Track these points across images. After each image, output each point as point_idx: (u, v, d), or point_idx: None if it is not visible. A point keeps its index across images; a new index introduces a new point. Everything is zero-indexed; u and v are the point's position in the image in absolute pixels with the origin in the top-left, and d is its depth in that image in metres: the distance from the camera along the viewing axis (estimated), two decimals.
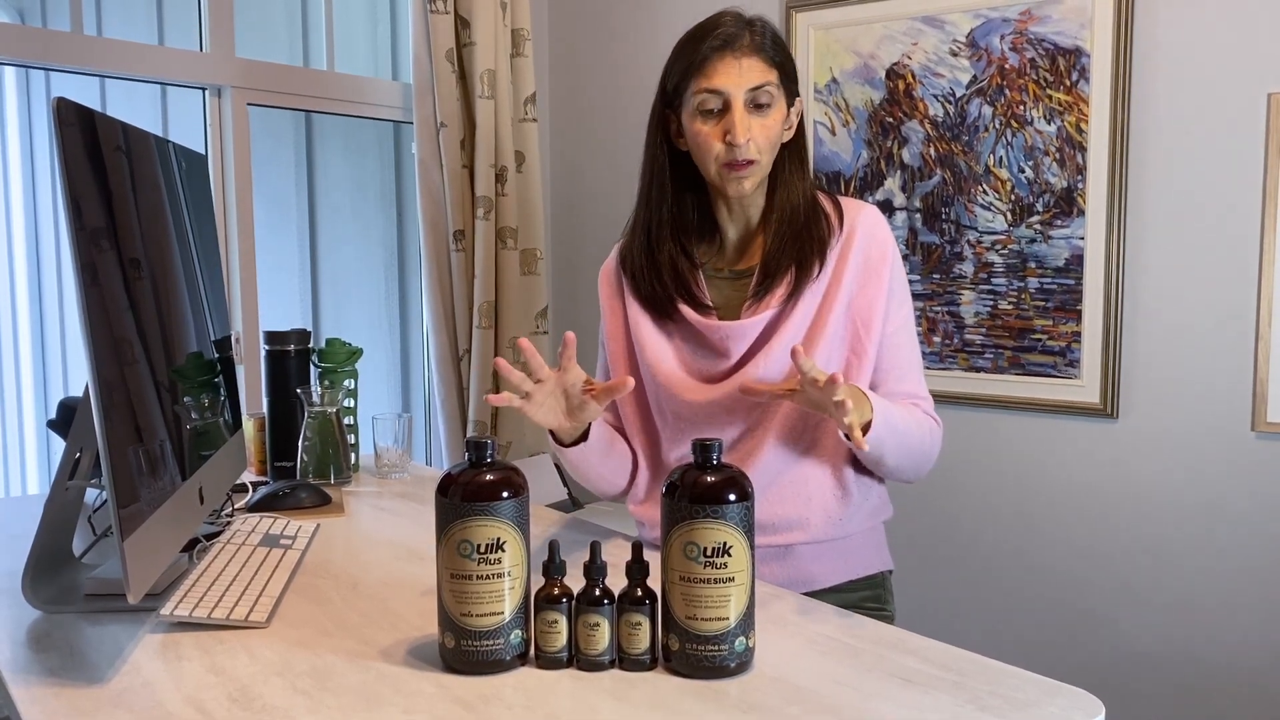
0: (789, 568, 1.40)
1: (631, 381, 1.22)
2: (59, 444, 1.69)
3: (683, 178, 1.40)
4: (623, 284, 1.46)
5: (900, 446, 1.32)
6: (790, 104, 1.36)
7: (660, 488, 1.04)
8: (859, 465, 1.41)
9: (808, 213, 1.37)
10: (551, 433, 1.35)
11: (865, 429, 1.25)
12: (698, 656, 0.97)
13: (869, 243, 1.37)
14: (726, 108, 1.30)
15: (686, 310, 1.39)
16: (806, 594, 1.39)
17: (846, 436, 1.28)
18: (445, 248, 2.72)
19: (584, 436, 1.34)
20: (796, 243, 1.35)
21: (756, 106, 1.31)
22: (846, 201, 1.41)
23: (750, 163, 1.31)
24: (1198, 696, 2.17)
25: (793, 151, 1.39)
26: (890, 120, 2.46)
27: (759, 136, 1.31)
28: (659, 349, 1.42)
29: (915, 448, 1.35)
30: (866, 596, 1.45)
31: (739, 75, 1.29)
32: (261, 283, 2.60)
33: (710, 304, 1.40)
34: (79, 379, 3.06)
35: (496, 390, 2.78)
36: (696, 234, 1.42)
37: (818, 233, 1.36)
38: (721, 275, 1.42)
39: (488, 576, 0.97)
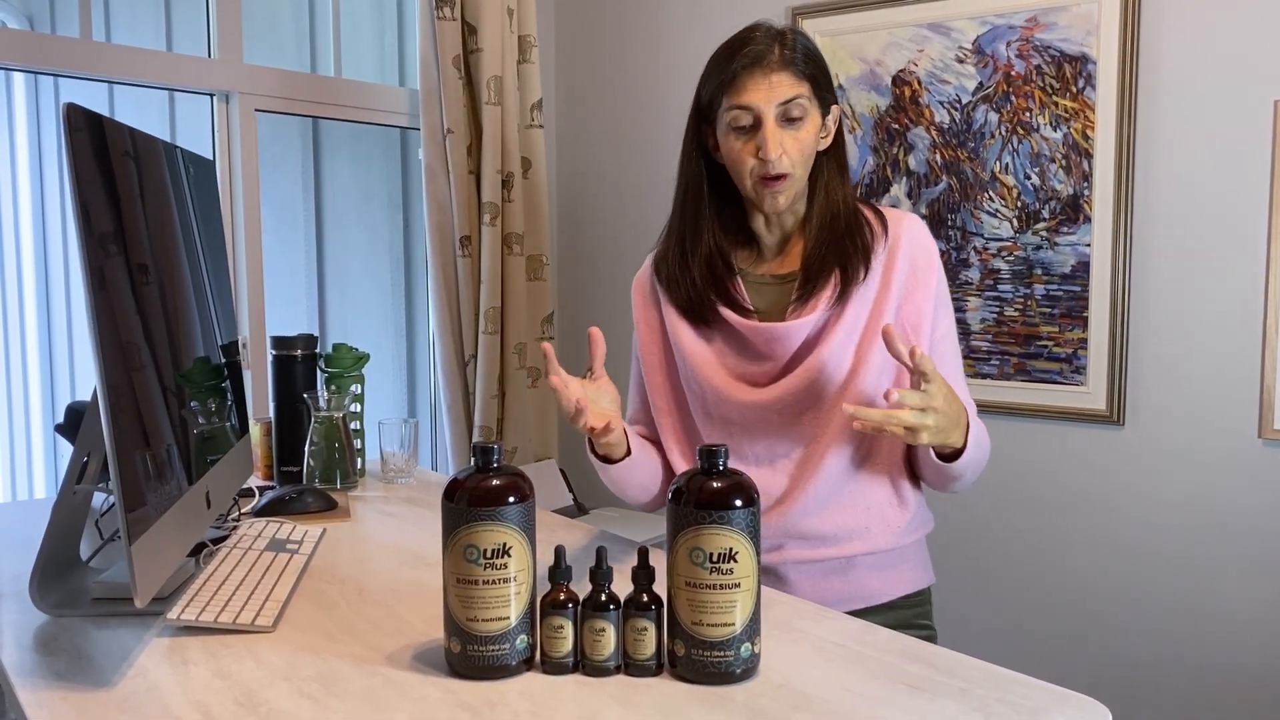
0: (850, 582, 1.39)
1: (596, 330, 1.27)
2: (66, 448, 1.69)
3: (719, 187, 1.41)
4: (658, 292, 1.45)
5: (979, 462, 1.33)
6: (826, 113, 1.36)
7: None
8: (911, 474, 1.41)
9: (849, 218, 1.37)
10: (594, 452, 1.36)
11: (963, 447, 1.27)
12: (703, 662, 0.97)
13: (915, 249, 1.37)
14: (758, 124, 1.30)
15: (727, 313, 1.38)
16: (863, 609, 1.40)
17: (939, 457, 1.29)
18: (451, 253, 2.73)
19: (627, 452, 1.36)
20: (838, 247, 1.35)
21: (788, 120, 1.31)
22: (889, 210, 1.41)
23: (783, 176, 1.31)
24: (1204, 704, 2.16)
25: (831, 158, 1.39)
26: (896, 127, 2.46)
27: (792, 150, 1.31)
28: (701, 354, 1.40)
29: (984, 461, 1.36)
30: (919, 613, 1.45)
31: (769, 91, 1.29)
32: (268, 288, 2.61)
33: (751, 307, 1.39)
34: (86, 383, 3.07)
35: (502, 395, 2.78)
36: (734, 241, 1.42)
37: (860, 238, 1.36)
38: (763, 281, 1.41)
39: (493, 582, 0.97)
